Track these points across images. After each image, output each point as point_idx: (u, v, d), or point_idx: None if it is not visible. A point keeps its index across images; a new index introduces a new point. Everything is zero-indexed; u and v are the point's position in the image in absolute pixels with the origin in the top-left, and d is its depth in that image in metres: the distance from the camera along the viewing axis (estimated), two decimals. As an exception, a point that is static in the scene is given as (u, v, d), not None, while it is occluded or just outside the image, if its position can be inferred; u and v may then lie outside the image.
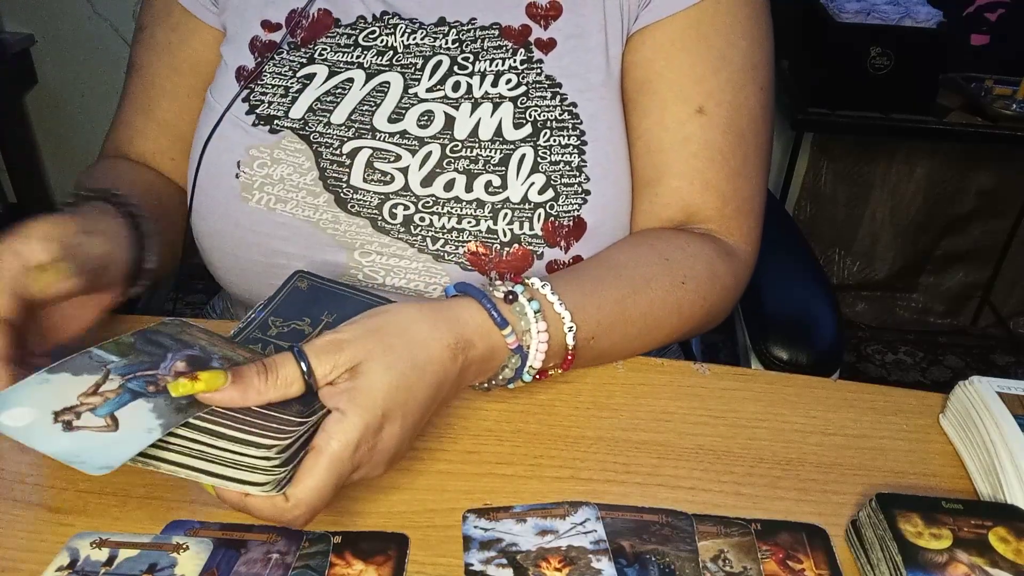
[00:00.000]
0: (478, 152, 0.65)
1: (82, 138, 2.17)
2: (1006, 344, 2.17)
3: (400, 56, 0.68)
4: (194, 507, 0.48)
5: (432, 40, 0.68)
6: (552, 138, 0.65)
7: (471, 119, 0.66)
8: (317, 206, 0.66)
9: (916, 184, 2.06)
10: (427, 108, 0.66)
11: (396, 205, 0.65)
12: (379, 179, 0.65)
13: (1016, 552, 0.44)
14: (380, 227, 0.65)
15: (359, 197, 0.65)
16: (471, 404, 0.57)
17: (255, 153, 0.67)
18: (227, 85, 0.70)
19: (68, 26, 2.03)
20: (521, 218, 0.65)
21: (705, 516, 0.49)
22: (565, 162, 0.65)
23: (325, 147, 0.66)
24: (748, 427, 0.57)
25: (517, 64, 0.67)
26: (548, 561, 0.45)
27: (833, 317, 0.83)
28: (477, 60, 0.67)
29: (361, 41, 0.68)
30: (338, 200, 0.66)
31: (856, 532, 0.48)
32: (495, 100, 0.66)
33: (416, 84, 0.67)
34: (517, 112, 0.66)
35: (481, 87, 0.66)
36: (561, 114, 0.66)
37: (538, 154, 0.65)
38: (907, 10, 1.66)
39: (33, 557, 0.45)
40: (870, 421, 0.59)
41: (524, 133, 0.65)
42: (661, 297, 0.62)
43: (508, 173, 0.65)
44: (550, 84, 0.67)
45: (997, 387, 0.55)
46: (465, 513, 0.49)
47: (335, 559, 0.45)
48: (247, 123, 0.68)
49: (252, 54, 0.70)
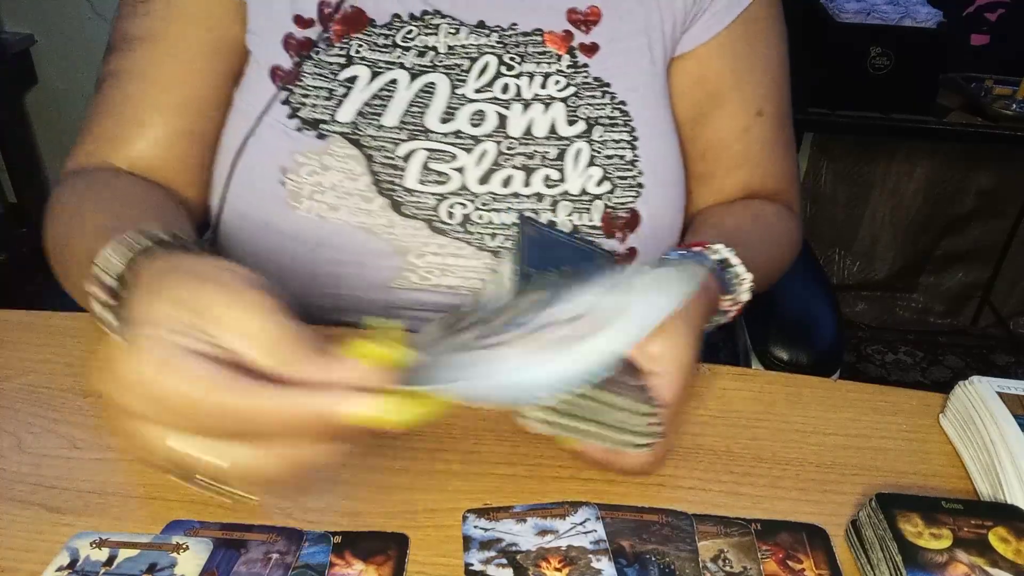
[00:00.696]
0: (534, 148, 0.66)
1: (82, 138, 2.17)
2: (1006, 344, 2.17)
3: (443, 57, 0.67)
4: (194, 507, 0.48)
5: (476, 39, 0.67)
6: (605, 134, 0.67)
7: (523, 118, 0.66)
8: (371, 211, 0.65)
9: (916, 184, 2.06)
10: (478, 108, 0.66)
11: (454, 205, 0.65)
12: (435, 180, 0.65)
13: (1016, 552, 0.44)
14: (437, 228, 0.65)
15: (414, 199, 0.65)
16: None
17: (302, 159, 0.64)
18: (261, 87, 0.66)
19: (68, 26, 2.03)
20: (580, 209, 0.66)
21: (705, 516, 0.49)
22: (619, 156, 0.67)
23: (378, 151, 0.65)
24: (748, 427, 0.57)
25: (564, 68, 0.67)
26: (548, 561, 0.45)
27: (833, 317, 0.83)
28: (524, 62, 0.67)
29: (399, 41, 0.67)
30: (393, 204, 0.65)
31: (856, 532, 0.48)
32: (545, 100, 0.67)
33: (463, 85, 0.66)
34: (569, 111, 0.67)
35: (530, 88, 0.67)
36: (612, 112, 0.67)
37: (593, 149, 0.66)
38: (907, 10, 1.66)
39: (33, 557, 0.45)
40: (870, 421, 0.59)
41: (578, 130, 0.66)
42: (778, 253, 0.74)
43: (565, 166, 0.66)
44: (599, 84, 0.68)
45: (997, 387, 0.55)
46: (465, 513, 0.49)
47: (335, 559, 0.45)
48: (290, 127, 0.65)
49: (287, 52, 0.66)
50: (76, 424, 0.54)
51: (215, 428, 0.36)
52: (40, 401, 0.56)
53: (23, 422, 0.54)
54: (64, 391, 0.57)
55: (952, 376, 2.03)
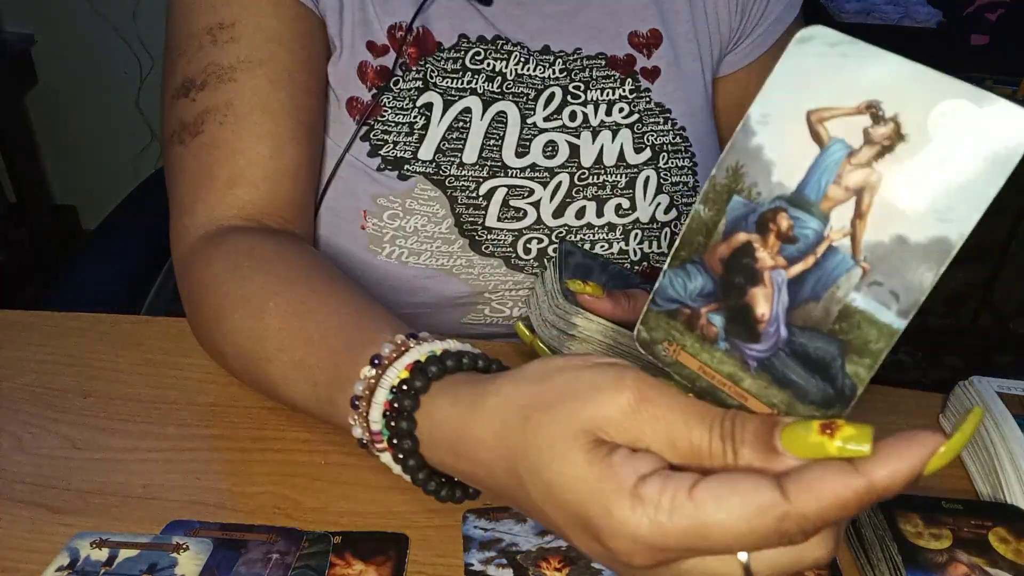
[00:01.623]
0: (604, 178, 0.66)
1: (82, 138, 2.17)
2: (1006, 344, 2.17)
3: (511, 84, 0.65)
4: (194, 507, 0.48)
5: (542, 71, 0.66)
6: (670, 160, 0.67)
7: (594, 146, 0.66)
8: (452, 253, 0.64)
9: (916, 184, 2.06)
10: (549, 138, 0.65)
11: (530, 240, 0.65)
12: (513, 216, 0.64)
13: (1016, 552, 0.44)
14: (514, 264, 0.65)
15: (493, 237, 0.64)
16: (471, 404, 0.57)
17: (384, 203, 0.62)
18: (339, 120, 0.62)
19: (68, 26, 2.03)
20: (650, 237, 0.67)
21: (705, 516, 0.49)
22: (683, 182, 0.68)
23: (460, 191, 0.63)
24: (748, 427, 0.57)
25: (627, 93, 0.67)
26: (548, 561, 0.45)
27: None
28: (588, 89, 0.67)
29: (469, 64, 0.64)
30: (472, 243, 0.64)
31: (856, 532, 0.48)
32: (612, 128, 0.67)
33: (532, 114, 0.65)
34: (635, 137, 0.67)
35: (596, 116, 0.66)
36: (674, 138, 0.68)
37: (660, 176, 0.67)
38: (907, 10, 1.67)
39: (33, 557, 0.45)
40: (870, 421, 0.58)
41: (645, 157, 0.67)
42: None
43: (636, 195, 0.66)
44: (660, 110, 0.68)
45: (997, 387, 0.55)
46: (465, 513, 0.49)
47: (335, 559, 0.45)
48: (371, 167, 0.62)
49: (363, 83, 0.62)
50: (76, 424, 0.54)
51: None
52: (40, 401, 0.56)
53: (23, 422, 0.54)
54: (64, 391, 0.57)
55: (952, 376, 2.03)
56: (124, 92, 2.03)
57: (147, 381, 0.58)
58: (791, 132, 0.31)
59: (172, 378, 0.58)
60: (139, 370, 0.59)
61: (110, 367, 0.59)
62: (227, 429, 0.54)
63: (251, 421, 0.55)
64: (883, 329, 0.30)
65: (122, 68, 2.06)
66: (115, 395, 0.57)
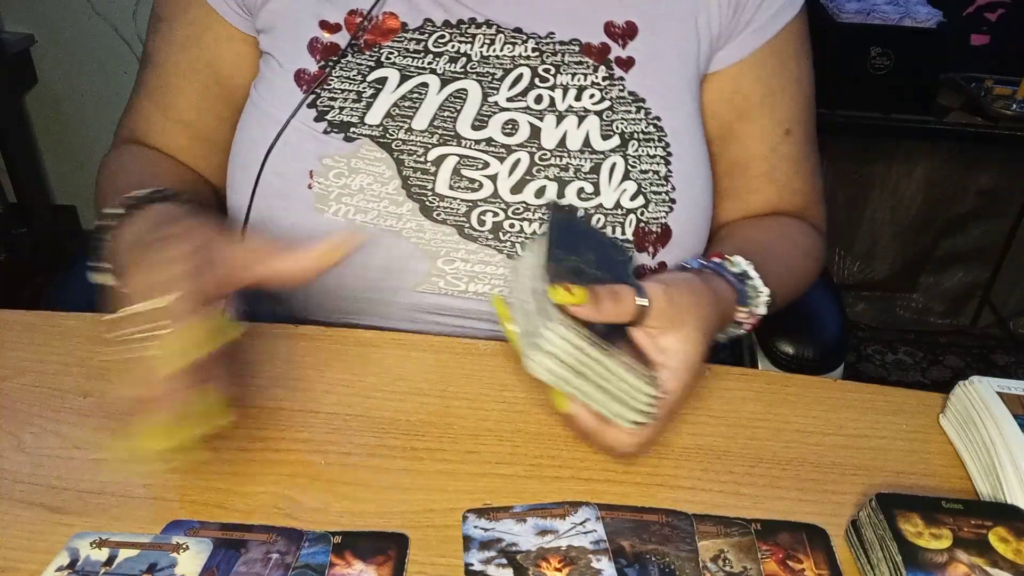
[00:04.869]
0: (568, 161, 0.65)
1: (82, 138, 2.17)
2: (1006, 344, 2.17)
3: (475, 64, 0.66)
4: (194, 507, 0.48)
5: (511, 49, 0.67)
6: (640, 148, 0.67)
7: (557, 130, 0.66)
8: (400, 215, 0.64)
9: (916, 184, 2.06)
10: (510, 117, 0.66)
11: (485, 212, 0.65)
12: (466, 186, 0.65)
13: (1016, 552, 0.44)
14: (467, 234, 0.65)
15: (445, 204, 0.64)
16: (471, 404, 0.58)
17: (330, 163, 0.64)
18: (286, 90, 0.67)
19: (68, 26, 2.03)
20: (613, 223, 0.66)
21: (705, 516, 0.49)
22: (653, 171, 0.67)
23: (408, 155, 0.64)
24: (748, 427, 0.57)
25: (599, 80, 0.67)
26: (548, 561, 0.45)
27: (838, 312, 0.84)
28: (559, 73, 0.67)
29: (431, 47, 0.66)
30: (423, 208, 0.64)
31: (856, 532, 0.48)
32: (579, 113, 0.66)
33: (495, 93, 0.66)
34: (603, 124, 0.66)
35: (564, 100, 0.66)
36: (647, 127, 0.67)
37: (628, 163, 0.66)
38: (907, 10, 1.66)
39: (33, 557, 0.45)
40: (870, 421, 0.59)
41: (613, 144, 0.66)
42: (800, 266, 0.74)
43: (600, 180, 0.65)
44: (634, 99, 0.67)
45: (997, 387, 0.55)
46: (465, 513, 0.49)
47: (335, 559, 0.45)
48: (317, 130, 0.65)
49: (313, 56, 0.67)
50: (76, 424, 0.54)
51: None
52: (40, 401, 0.56)
53: (23, 422, 0.54)
54: (64, 391, 0.57)
55: (952, 376, 2.03)
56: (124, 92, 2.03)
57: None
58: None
59: (172, 378, 0.58)
60: (139, 370, 0.59)
61: (110, 367, 0.59)
62: (227, 429, 0.54)
63: (251, 421, 0.55)
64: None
65: (122, 68, 2.06)
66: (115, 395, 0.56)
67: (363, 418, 0.56)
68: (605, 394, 0.50)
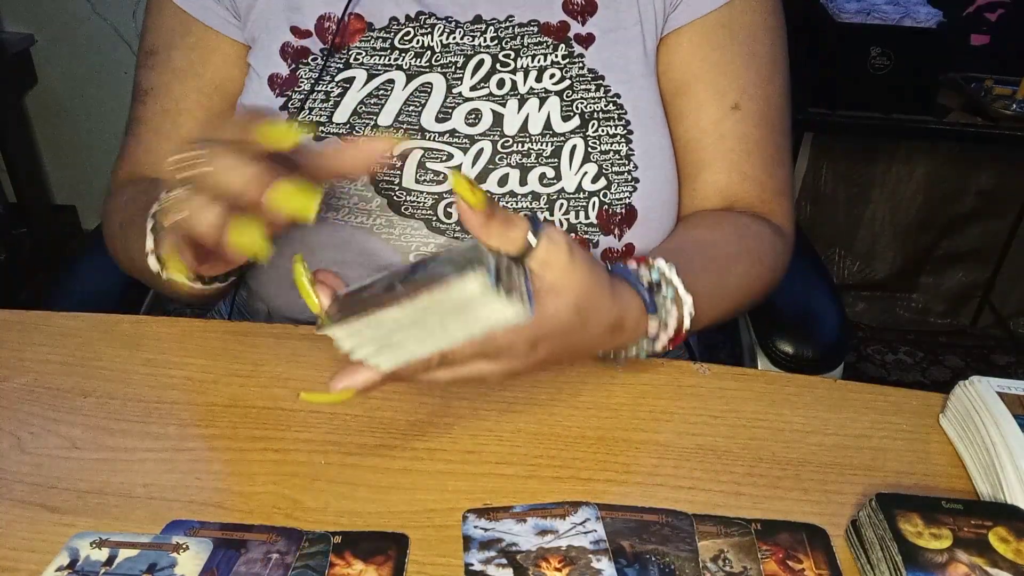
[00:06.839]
0: (529, 146, 0.66)
1: (82, 138, 2.17)
2: (1006, 344, 2.17)
3: (439, 56, 0.67)
4: (194, 507, 0.48)
5: (471, 39, 0.68)
6: (600, 128, 0.66)
7: (519, 115, 0.66)
8: (370, 211, 0.65)
9: (916, 184, 2.06)
10: (473, 107, 0.66)
11: (451, 204, 0.65)
12: (432, 179, 0.65)
13: (1016, 552, 0.44)
14: (435, 227, 0.65)
15: (412, 199, 0.65)
16: (471, 404, 0.57)
17: None
18: (260, 95, 0.68)
19: (68, 26, 2.03)
20: (576, 207, 0.66)
21: (705, 516, 0.49)
22: (614, 151, 0.66)
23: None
24: (748, 427, 0.57)
25: (559, 59, 0.67)
26: (548, 561, 0.45)
27: (837, 312, 0.84)
28: (519, 56, 0.67)
29: (397, 44, 0.68)
30: (391, 203, 0.65)
31: (856, 532, 0.48)
32: (540, 95, 0.67)
33: (459, 83, 0.67)
34: (564, 105, 0.66)
35: (526, 83, 0.67)
36: (607, 105, 0.67)
37: (588, 144, 0.66)
38: (907, 10, 1.66)
39: (33, 557, 0.45)
40: (870, 421, 0.59)
41: (573, 125, 0.66)
42: (745, 273, 0.66)
43: (561, 164, 0.66)
44: (593, 77, 0.67)
45: (997, 387, 0.55)
46: (465, 513, 0.49)
47: (335, 559, 0.45)
48: None
49: (284, 61, 0.68)
50: (76, 424, 0.54)
51: None
52: (40, 401, 0.56)
53: (23, 422, 0.54)
54: (64, 391, 0.57)
55: (952, 376, 2.03)
56: (124, 92, 2.03)
57: (147, 381, 0.58)
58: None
59: (172, 378, 0.58)
60: (139, 370, 0.59)
61: (110, 367, 0.59)
62: (227, 429, 0.54)
63: (251, 421, 0.55)
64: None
65: (122, 68, 2.06)
66: (115, 395, 0.57)
67: (363, 418, 0.56)
68: (425, 339, 0.45)
